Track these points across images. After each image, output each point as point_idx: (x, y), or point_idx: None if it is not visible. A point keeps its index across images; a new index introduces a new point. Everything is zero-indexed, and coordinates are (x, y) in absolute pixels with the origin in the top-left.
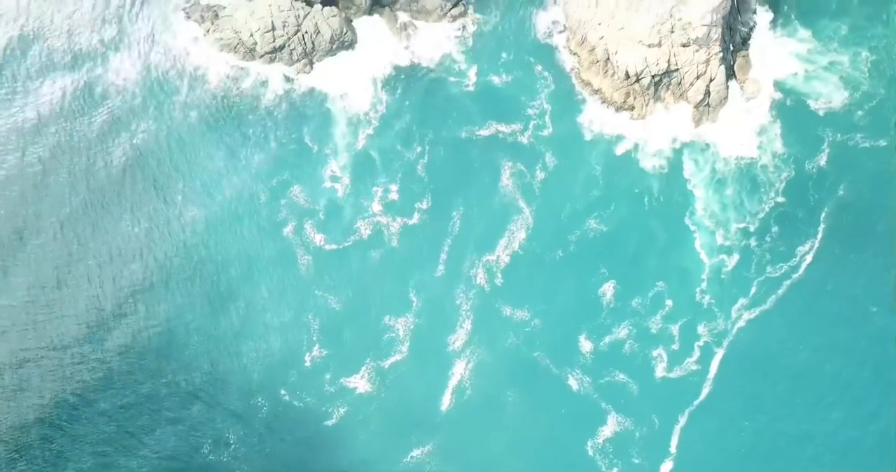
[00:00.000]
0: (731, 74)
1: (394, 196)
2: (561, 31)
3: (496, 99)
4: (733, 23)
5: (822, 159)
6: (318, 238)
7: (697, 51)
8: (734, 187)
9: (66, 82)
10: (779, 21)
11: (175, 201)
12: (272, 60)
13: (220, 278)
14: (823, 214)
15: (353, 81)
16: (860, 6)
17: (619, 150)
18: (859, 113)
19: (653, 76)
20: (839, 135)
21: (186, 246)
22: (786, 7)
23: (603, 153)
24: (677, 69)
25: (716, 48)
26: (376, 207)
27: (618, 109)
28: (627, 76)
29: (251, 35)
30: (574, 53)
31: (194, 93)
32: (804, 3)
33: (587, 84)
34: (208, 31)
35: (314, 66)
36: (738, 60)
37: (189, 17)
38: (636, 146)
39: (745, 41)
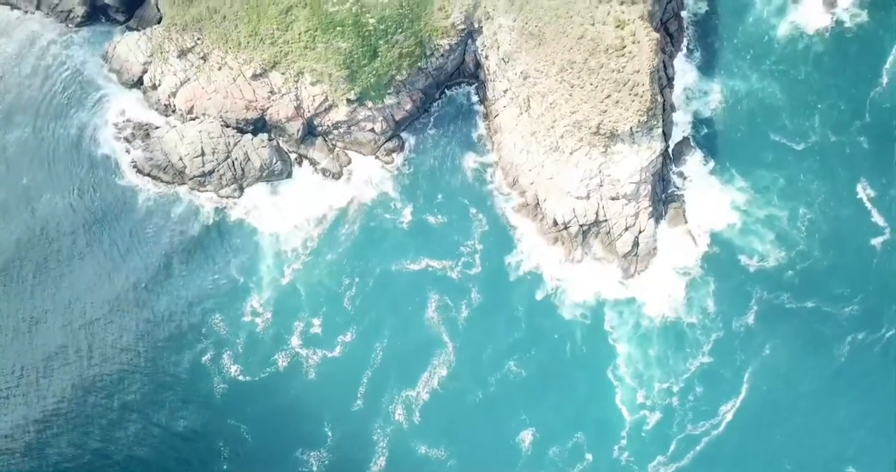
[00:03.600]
0: (662, 226)
1: (316, 330)
2: (494, 171)
3: (429, 236)
4: (667, 174)
5: (750, 318)
6: (234, 369)
7: (626, 204)
8: (659, 345)
9: None
10: (717, 169)
11: (91, 321)
12: (202, 184)
13: (132, 406)
14: (747, 374)
15: (284, 213)
16: (797, 160)
17: (543, 294)
18: (790, 272)
19: (581, 226)
20: (766, 293)
21: (93, 376)
22: (723, 157)
23: (526, 296)
24: (606, 220)
25: (645, 202)
26: (295, 341)
27: (547, 251)
28: (556, 223)
29: (181, 159)
30: (505, 194)
31: (120, 212)
32: (741, 154)
33: (516, 226)
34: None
35: (244, 191)
36: (671, 212)
37: (119, 136)
38: (561, 292)
39: (678, 194)
